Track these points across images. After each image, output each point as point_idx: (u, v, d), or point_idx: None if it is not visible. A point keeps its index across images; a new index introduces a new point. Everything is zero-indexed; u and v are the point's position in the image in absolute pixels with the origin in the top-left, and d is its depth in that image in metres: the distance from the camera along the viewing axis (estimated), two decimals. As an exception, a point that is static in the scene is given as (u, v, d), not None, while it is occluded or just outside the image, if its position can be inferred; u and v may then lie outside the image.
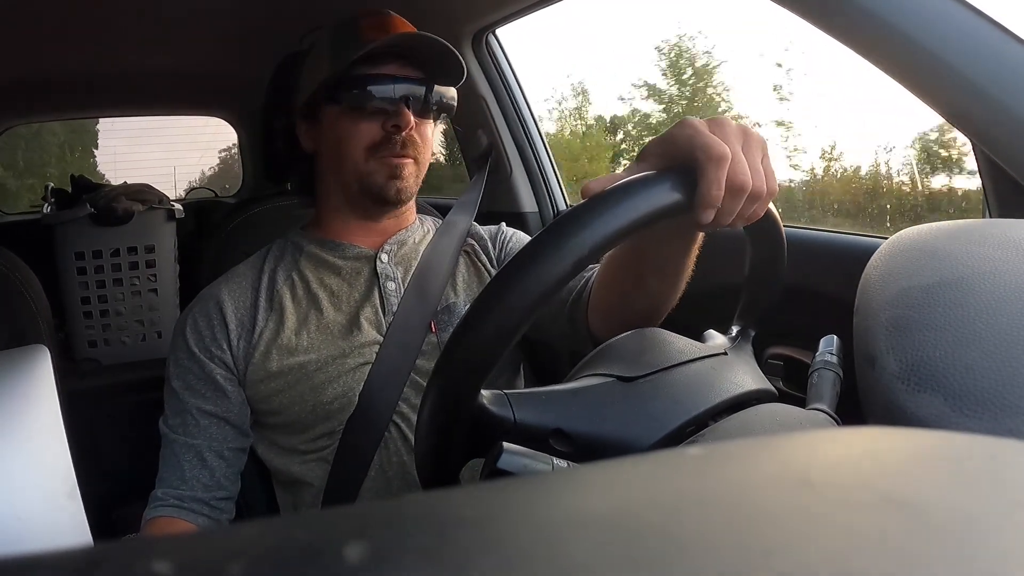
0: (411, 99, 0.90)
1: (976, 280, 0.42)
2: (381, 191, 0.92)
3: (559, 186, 1.60)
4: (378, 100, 0.89)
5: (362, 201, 0.95)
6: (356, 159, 0.91)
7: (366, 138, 0.90)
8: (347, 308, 0.93)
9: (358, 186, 0.93)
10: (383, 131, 0.90)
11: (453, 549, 0.15)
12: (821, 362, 0.65)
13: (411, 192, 0.94)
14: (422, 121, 0.92)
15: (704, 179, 0.52)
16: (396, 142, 0.90)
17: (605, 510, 0.17)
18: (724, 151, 0.52)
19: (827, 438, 0.25)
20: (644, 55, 2.45)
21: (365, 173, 0.92)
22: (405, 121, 0.89)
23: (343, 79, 0.89)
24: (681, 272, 0.73)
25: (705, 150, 0.52)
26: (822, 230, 1.06)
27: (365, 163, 0.91)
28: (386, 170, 0.91)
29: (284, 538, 0.16)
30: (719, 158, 0.52)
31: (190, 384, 0.90)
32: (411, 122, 0.89)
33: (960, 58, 0.63)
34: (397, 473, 0.88)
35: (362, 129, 0.90)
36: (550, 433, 0.52)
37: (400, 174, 0.92)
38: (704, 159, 0.52)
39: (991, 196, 0.75)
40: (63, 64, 1.76)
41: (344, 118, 0.91)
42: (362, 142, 0.91)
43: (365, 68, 0.89)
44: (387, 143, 0.90)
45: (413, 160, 0.92)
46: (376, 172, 0.91)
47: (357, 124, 0.90)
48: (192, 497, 0.86)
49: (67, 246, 1.75)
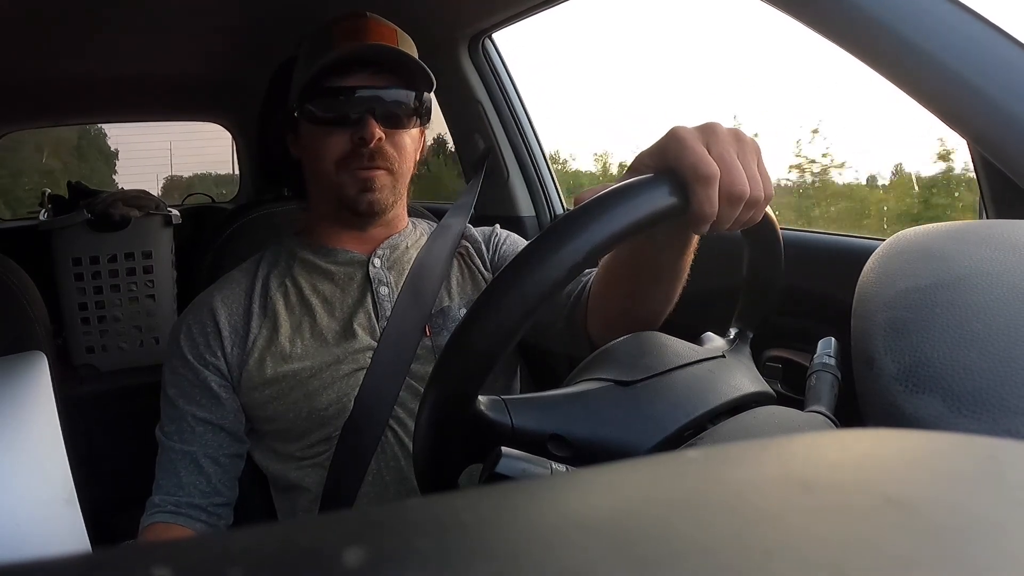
0: (378, 109, 0.88)
1: (974, 281, 0.42)
2: (353, 204, 0.91)
3: (556, 191, 1.61)
4: (344, 112, 0.88)
5: (342, 212, 0.94)
6: (327, 171, 0.90)
7: (336, 151, 0.89)
8: (340, 314, 0.92)
9: (333, 197, 0.92)
10: (351, 143, 0.88)
11: (452, 553, 0.15)
12: (819, 364, 0.65)
13: (386, 203, 0.93)
14: (395, 131, 0.90)
15: (695, 198, 0.51)
16: (364, 154, 0.88)
17: (604, 513, 0.17)
18: (713, 171, 0.51)
19: (826, 440, 0.25)
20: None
21: (337, 185, 0.91)
22: (370, 133, 0.87)
23: (313, 90, 0.88)
24: (677, 275, 0.73)
25: (693, 170, 0.51)
26: (819, 232, 1.06)
27: (336, 175, 0.90)
28: (356, 183, 0.90)
29: (283, 543, 0.16)
30: (708, 178, 0.51)
31: (185, 391, 0.89)
32: (376, 134, 0.87)
33: (956, 60, 0.64)
34: (394, 478, 0.88)
35: (331, 142, 0.89)
36: (548, 438, 0.51)
37: (371, 187, 0.90)
38: (692, 180, 0.51)
39: (988, 197, 0.75)
40: (61, 70, 1.76)
41: (316, 130, 0.90)
42: (332, 155, 0.89)
43: (334, 78, 0.87)
44: (355, 155, 0.89)
45: (386, 171, 0.90)
46: (347, 185, 0.90)
47: (326, 137, 0.89)
48: (189, 503, 0.86)
49: (64, 252, 1.75)
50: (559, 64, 3.10)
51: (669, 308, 0.77)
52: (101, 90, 2.03)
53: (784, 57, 1.78)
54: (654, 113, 2.63)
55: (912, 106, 0.68)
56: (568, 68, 3.33)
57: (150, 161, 3.65)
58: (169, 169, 3.79)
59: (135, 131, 3.11)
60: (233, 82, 2.06)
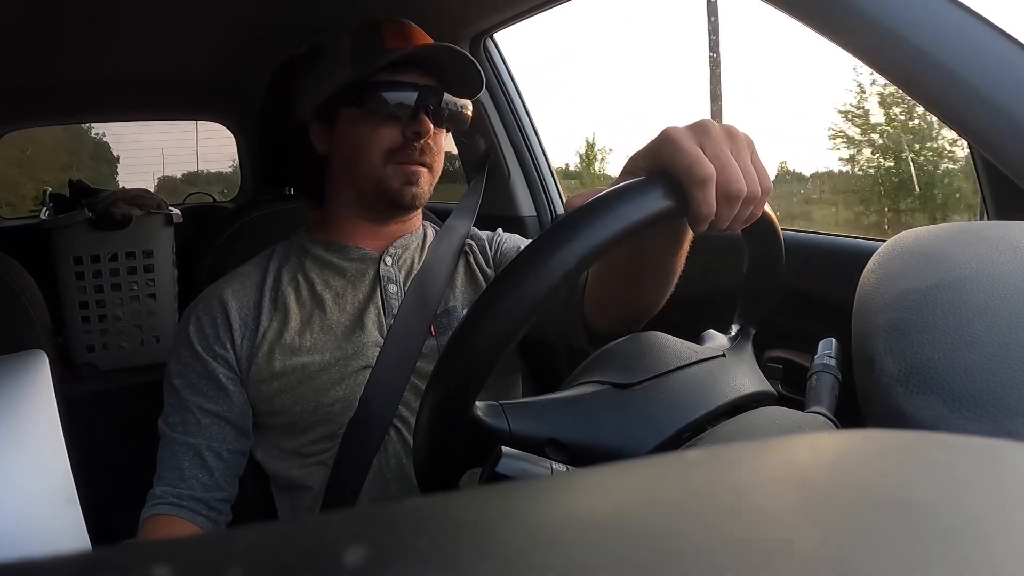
0: (430, 108, 0.91)
1: (974, 282, 0.42)
2: (397, 196, 0.93)
3: (557, 191, 1.61)
4: (400, 106, 0.91)
5: (375, 204, 0.96)
6: (374, 163, 0.93)
7: (385, 142, 0.92)
8: (351, 309, 0.94)
9: (373, 189, 0.94)
10: (402, 137, 0.91)
11: (452, 553, 0.15)
12: (820, 365, 0.65)
13: (424, 199, 0.96)
14: (437, 130, 0.94)
15: (692, 201, 0.51)
16: (415, 149, 0.92)
17: (603, 514, 0.17)
18: (708, 172, 0.51)
19: (826, 441, 0.25)
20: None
21: (382, 177, 0.93)
22: (425, 129, 0.90)
23: (366, 83, 0.90)
24: (673, 269, 0.73)
25: (688, 173, 0.50)
26: (820, 233, 1.06)
27: (383, 167, 0.93)
28: (403, 176, 0.93)
29: (284, 542, 0.16)
30: (703, 180, 0.51)
31: (192, 382, 0.90)
32: (431, 130, 0.91)
33: (958, 61, 0.63)
34: (395, 476, 0.88)
35: (381, 134, 0.92)
36: (546, 443, 0.51)
37: (416, 181, 0.93)
38: (688, 183, 0.51)
39: (989, 198, 0.75)
40: (61, 68, 1.76)
41: (363, 122, 0.92)
42: (381, 146, 0.92)
43: (387, 74, 0.91)
44: (406, 149, 0.92)
45: (429, 168, 0.94)
46: (392, 177, 0.93)
47: (376, 128, 0.92)
48: (191, 496, 0.86)
49: (65, 251, 1.75)
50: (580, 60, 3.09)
51: (666, 297, 0.77)
52: (102, 88, 2.03)
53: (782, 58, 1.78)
54: (653, 112, 2.62)
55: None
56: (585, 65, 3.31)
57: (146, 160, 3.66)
58: (162, 170, 3.80)
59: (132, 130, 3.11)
60: (235, 80, 2.06)
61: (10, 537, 0.55)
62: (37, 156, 3.56)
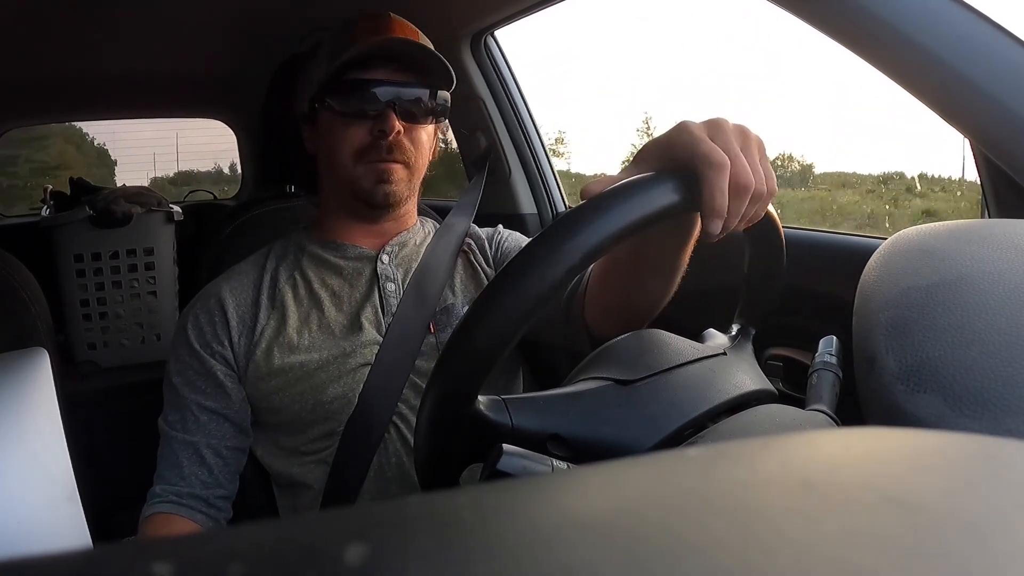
0: (398, 104, 0.90)
1: (975, 280, 0.42)
2: (369, 196, 0.93)
3: (558, 188, 1.61)
4: (365, 104, 0.90)
5: (354, 204, 0.96)
6: (345, 163, 0.92)
7: (354, 142, 0.91)
8: (348, 308, 0.93)
9: (349, 190, 0.94)
10: (370, 135, 0.90)
11: (453, 550, 0.15)
12: (820, 363, 0.65)
13: (401, 196, 0.95)
14: (413, 126, 0.92)
15: (707, 187, 0.52)
16: (382, 147, 0.90)
17: (604, 511, 0.17)
18: (724, 159, 0.52)
19: (826, 439, 0.25)
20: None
21: (353, 178, 0.92)
22: (390, 126, 0.89)
23: (335, 83, 0.90)
24: (676, 268, 0.73)
25: (705, 158, 0.52)
26: (821, 231, 1.06)
27: (353, 167, 0.92)
28: (374, 175, 0.92)
29: (284, 539, 0.16)
30: (720, 166, 0.51)
31: (190, 380, 0.90)
32: (396, 127, 0.89)
33: (959, 58, 0.63)
34: (396, 474, 0.88)
35: (350, 134, 0.91)
36: (547, 438, 0.51)
37: (388, 179, 0.92)
38: (705, 168, 0.52)
39: (990, 196, 0.75)
40: (61, 67, 1.76)
41: (336, 122, 0.92)
42: (350, 146, 0.91)
43: (356, 72, 0.89)
44: (374, 148, 0.91)
45: (403, 165, 0.93)
46: (363, 177, 0.92)
47: (346, 129, 0.91)
48: (191, 494, 0.87)
49: (66, 248, 1.75)
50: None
51: (667, 299, 0.77)
52: (102, 87, 2.03)
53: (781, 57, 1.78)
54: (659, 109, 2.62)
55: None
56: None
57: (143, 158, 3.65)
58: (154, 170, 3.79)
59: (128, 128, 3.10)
60: (236, 79, 2.05)
61: (11, 534, 0.55)
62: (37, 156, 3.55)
